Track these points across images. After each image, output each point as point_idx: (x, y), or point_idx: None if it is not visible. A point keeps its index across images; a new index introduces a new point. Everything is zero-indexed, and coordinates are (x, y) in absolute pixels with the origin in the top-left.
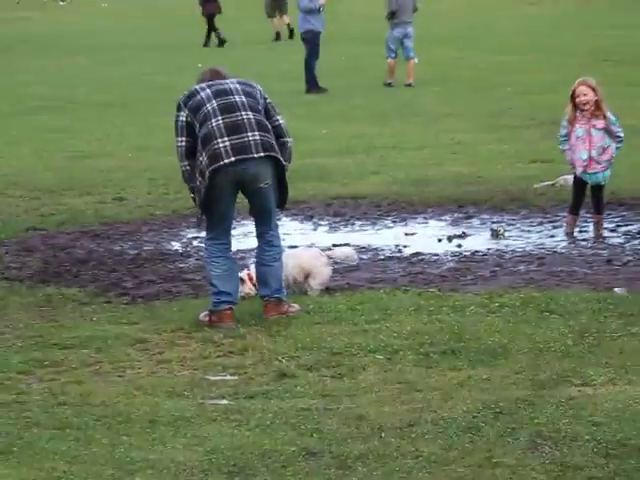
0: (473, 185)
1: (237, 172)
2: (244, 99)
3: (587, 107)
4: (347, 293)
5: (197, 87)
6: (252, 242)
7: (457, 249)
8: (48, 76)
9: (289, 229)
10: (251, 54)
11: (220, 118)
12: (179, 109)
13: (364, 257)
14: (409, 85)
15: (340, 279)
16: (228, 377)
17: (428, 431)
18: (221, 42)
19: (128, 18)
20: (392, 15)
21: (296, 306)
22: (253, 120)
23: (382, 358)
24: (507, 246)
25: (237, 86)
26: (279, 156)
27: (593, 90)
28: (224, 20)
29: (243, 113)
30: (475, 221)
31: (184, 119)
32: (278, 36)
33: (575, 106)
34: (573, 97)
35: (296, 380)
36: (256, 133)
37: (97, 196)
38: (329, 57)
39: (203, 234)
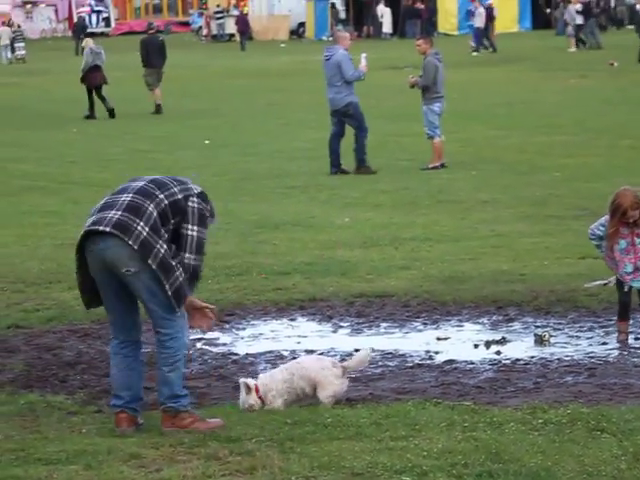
0: (514, 283)
1: (97, 253)
2: (141, 184)
3: (633, 220)
4: (370, 405)
5: None
6: (263, 345)
7: (496, 357)
8: (37, 151)
9: (305, 331)
10: (263, 129)
11: (106, 197)
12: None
13: (390, 364)
14: (436, 167)
15: (363, 389)
16: None
17: None
18: (112, 112)
19: (124, 84)
20: (426, 89)
21: (214, 421)
22: (127, 201)
23: None
24: (553, 354)
25: (154, 177)
26: (124, 237)
27: (639, 203)
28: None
29: (125, 195)
30: (516, 325)
31: None
32: (158, 108)
33: (615, 219)
34: (621, 215)
35: None
36: (119, 212)
37: None
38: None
39: (208, 335)
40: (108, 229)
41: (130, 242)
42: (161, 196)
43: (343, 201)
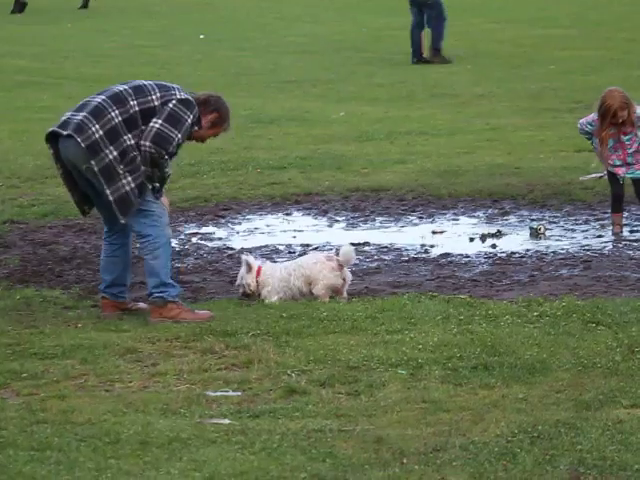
0: (510, 177)
1: (61, 151)
2: (121, 89)
3: (622, 120)
4: (366, 299)
5: None
6: (259, 239)
7: (491, 250)
8: (31, 46)
9: (301, 225)
10: (257, 23)
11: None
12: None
13: (386, 258)
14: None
15: (358, 282)
16: (230, 393)
17: (456, 457)
18: (22, 7)
19: None
20: None
21: (203, 312)
22: (95, 103)
23: (405, 373)
24: (548, 247)
25: (140, 82)
26: (76, 136)
27: (627, 102)
28: None
29: (100, 97)
30: (512, 218)
31: None
32: (86, 3)
33: (606, 122)
34: (611, 117)
35: (307, 397)
36: (81, 114)
37: None
38: (347, 29)
39: (203, 230)
40: (67, 132)
41: (79, 140)
42: (132, 102)
43: (338, 95)
